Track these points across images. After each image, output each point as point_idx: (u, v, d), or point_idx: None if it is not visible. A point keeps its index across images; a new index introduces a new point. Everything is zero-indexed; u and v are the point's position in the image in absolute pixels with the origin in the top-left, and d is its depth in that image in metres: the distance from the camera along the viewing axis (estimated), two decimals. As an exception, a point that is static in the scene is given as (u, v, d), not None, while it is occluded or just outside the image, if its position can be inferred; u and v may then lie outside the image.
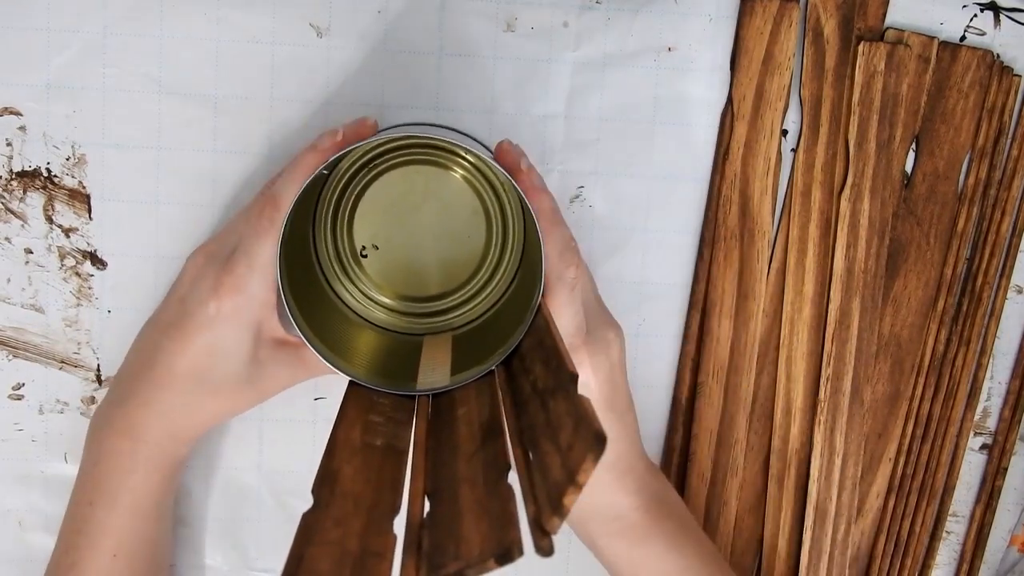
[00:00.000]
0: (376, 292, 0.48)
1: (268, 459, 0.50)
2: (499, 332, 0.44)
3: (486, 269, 0.48)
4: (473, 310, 0.49)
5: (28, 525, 0.50)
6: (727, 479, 0.51)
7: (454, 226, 0.47)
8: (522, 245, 0.47)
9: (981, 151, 0.50)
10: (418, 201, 0.47)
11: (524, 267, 0.47)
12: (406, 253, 0.48)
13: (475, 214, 0.47)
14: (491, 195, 0.47)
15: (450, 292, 0.48)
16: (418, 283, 0.48)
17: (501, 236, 0.48)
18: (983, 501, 0.53)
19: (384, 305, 0.48)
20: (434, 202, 0.47)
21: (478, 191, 0.47)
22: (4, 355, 0.49)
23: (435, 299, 0.48)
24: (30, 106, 0.47)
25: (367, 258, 0.48)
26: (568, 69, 0.48)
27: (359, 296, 0.48)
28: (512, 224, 0.47)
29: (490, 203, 0.47)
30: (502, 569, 0.28)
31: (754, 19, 0.48)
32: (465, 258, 0.48)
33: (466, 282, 0.48)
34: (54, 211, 0.48)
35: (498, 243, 0.48)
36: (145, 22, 0.47)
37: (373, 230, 0.47)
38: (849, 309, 0.50)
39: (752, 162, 0.49)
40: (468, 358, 0.44)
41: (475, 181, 0.47)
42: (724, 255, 0.50)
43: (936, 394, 0.51)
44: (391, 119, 0.48)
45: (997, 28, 0.49)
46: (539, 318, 0.40)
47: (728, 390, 0.50)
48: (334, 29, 0.47)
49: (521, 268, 0.47)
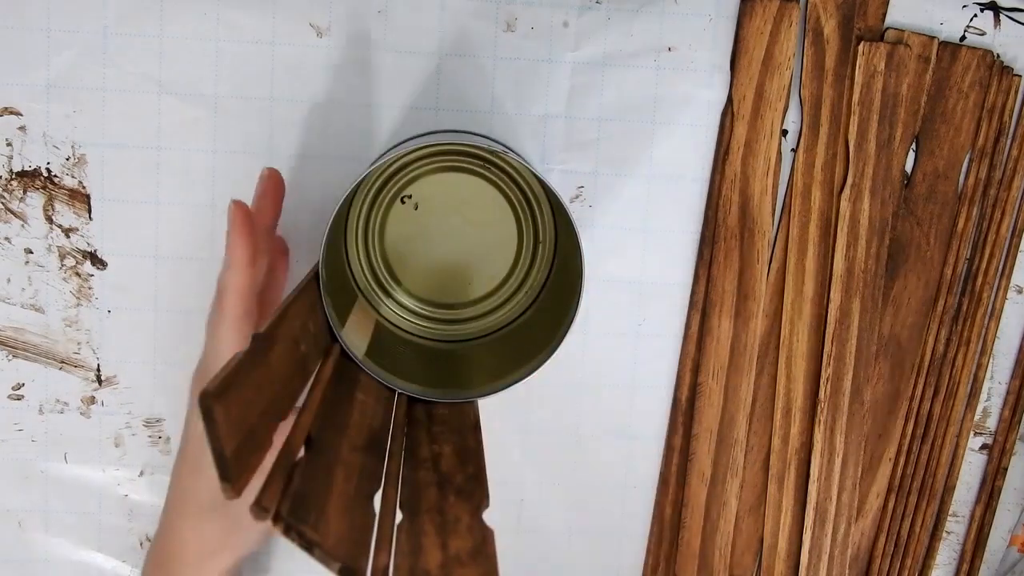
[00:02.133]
0: (409, 300, 0.49)
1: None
2: (527, 342, 0.45)
3: (516, 276, 0.48)
4: (503, 317, 0.49)
5: (28, 525, 0.50)
6: (727, 479, 0.51)
7: (485, 232, 0.48)
8: (553, 251, 0.48)
9: (981, 151, 0.50)
10: (448, 207, 0.47)
11: (554, 275, 0.48)
12: (437, 259, 0.48)
13: (505, 219, 0.48)
14: (520, 198, 0.47)
15: (480, 299, 0.49)
16: (450, 289, 0.49)
17: (532, 241, 0.48)
18: (983, 501, 0.53)
19: (417, 313, 0.49)
20: (464, 208, 0.47)
21: (508, 196, 0.47)
22: (4, 355, 0.49)
23: (464, 306, 0.49)
24: (30, 106, 0.47)
25: (409, 204, 0.48)
26: (568, 69, 0.48)
27: (394, 306, 0.49)
28: (544, 230, 0.48)
29: (519, 206, 0.48)
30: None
31: (754, 19, 0.48)
32: (496, 264, 0.48)
33: (496, 289, 0.49)
34: (54, 211, 0.48)
35: (529, 248, 0.48)
36: (145, 22, 0.47)
37: (404, 239, 0.48)
38: (849, 309, 0.50)
39: (752, 162, 0.49)
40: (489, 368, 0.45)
41: (504, 186, 0.47)
42: (724, 255, 0.50)
43: (936, 394, 0.51)
44: (392, 119, 0.48)
45: (997, 28, 0.49)
46: (471, 414, 0.42)
47: (728, 390, 0.50)
48: (334, 29, 0.47)
49: (552, 276, 0.48)
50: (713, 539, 0.51)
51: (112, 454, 0.50)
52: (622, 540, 0.52)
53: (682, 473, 0.51)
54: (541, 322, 0.46)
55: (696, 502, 0.51)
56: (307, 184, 0.48)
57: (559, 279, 0.47)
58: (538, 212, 0.47)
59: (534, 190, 0.47)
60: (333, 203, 0.40)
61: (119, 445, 0.50)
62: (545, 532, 0.52)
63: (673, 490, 0.51)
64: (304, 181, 0.48)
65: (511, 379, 0.42)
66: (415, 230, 0.47)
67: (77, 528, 0.50)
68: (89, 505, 0.50)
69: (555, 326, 0.43)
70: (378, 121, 0.48)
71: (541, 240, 0.48)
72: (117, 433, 0.49)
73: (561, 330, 0.42)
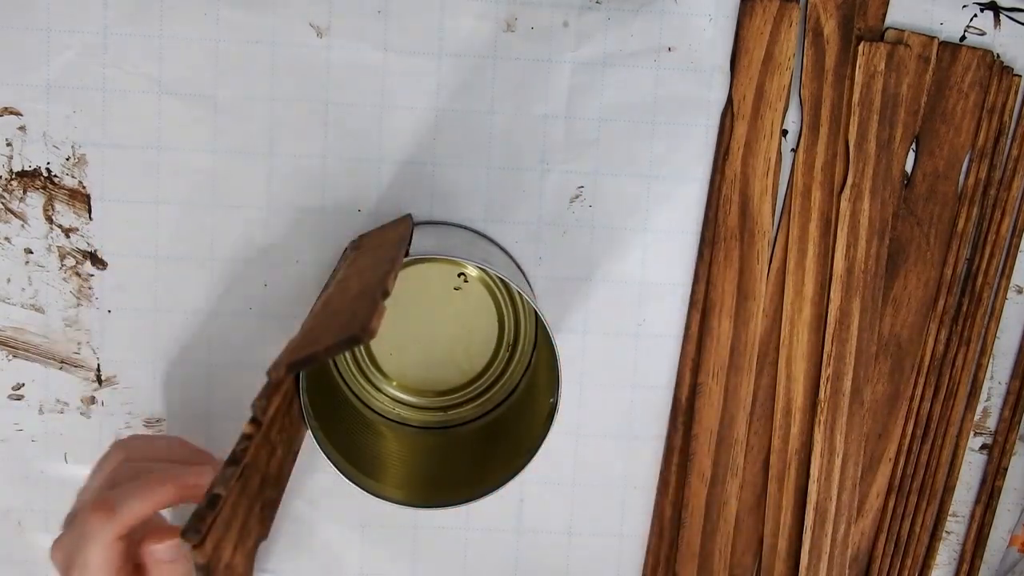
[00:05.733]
0: (395, 390, 0.50)
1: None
2: (507, 433, 0.46)
3: (497, 366, 0.50)
4: (482, 406, 0.50)
5: (28, 525, 0.50)
6: (727, 479, 0.51)
7: (467, 321, 0.49)
8: (534, 341, 0.49)
9: (981, 151, 0.50)
10: (431, 297, 0.48)
11: (534, 366, 0.49)
12: (421, 349, 0.49)
13: (488, 312, 0.49)
14: (503, 293, 0.49)
15: (461, 387, 0.50)
16: (432, 378, 0.50)
17: (513, 332, 0.49)
18: (983, 501, 0.53)
19: (403, 402, 0.50)
20: (447, 297, 0.48)
21: (490, 289, 0.49)
22: (4, 355, 0.49)
23: (446, 393, 0.50)
24: (30, 106, 0.47)
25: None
26: (568, 69, 0.48)
27: (381, 397, 0.50)
28: (523, 322, 0.49)
29: (501, 300, 0.49)
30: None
31: (754, 19, 0.48)
32: (477, 353, 0.49)
33: (476, 378, 0.50)
34: (54, 211, 0.48)
35: (510, 339, 0.49)
36: (145, 22, 0.47)
37: (390, 329, 0.48)
38: (849, 309, 0.50)
39: (752, 162, 0.49)
40: (480, 460, 0.46)
41: (487, 280, 0.48)
42: (724, 255, 0.50)
43: (936, 394, 0.51)
44: (392, 119, 0.48)
45: (997, 28, 0.49)
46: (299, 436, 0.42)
47: (728, 390, 0.50)
48: (334, 29, 0.47)
49: (530, 368, 0.49)
50: (713, 539, 0.51)
51: (112, 454, 0.50)
52: (622, 540, 0.52)
53: (682, 473, 0.51)
54: (520, 416, 0.47)
55: (696, 502, 0.51)
56: (307, 184, 0.48)
57: (536, 375, 0.48)
58: (521, 309, 0.49)
59: (511, 292, 0.48)
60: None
61: (119, 445, 0.50)
62: (545, 532, 0.52)
63: (673, 490, 0.51)
64: (304, 182, 0.48)
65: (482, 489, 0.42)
66: (395, 320, 0.48)
67: (77, 528, 0.50)
68: (89, 505, 0.50)
69: (535, 421, 0.44)
70: (378, 121, 0.48)
71: (519, 339, 0.49)
72: (117, 433, 0.49)
73: (538, 432, 0.42)
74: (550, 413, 0.42)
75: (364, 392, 0.49)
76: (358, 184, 0.48)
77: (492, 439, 0.48)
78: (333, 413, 0.46)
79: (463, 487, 0.43)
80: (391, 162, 0.48)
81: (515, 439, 0.45)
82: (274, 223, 0.48)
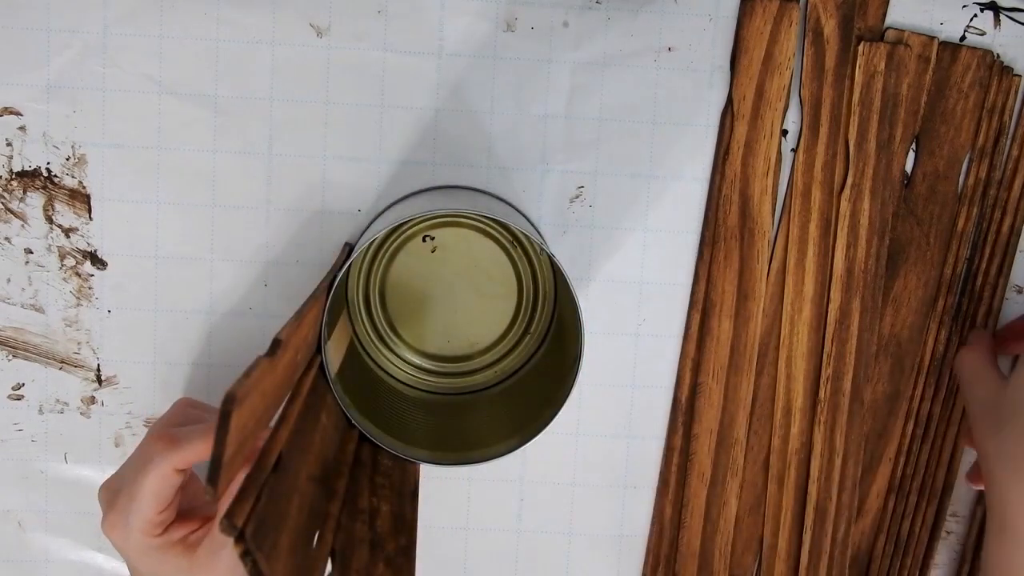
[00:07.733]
0: (412, 355, 0.50)
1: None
2: (530, 394, 0.46)
3: (517, 327, 0.49)
4: (504, 369, 0.50)
5: (28, 525, 0.50)
6: (727, 479, 0.51)
7: (484, 283, 0.48)
8: (553, 303, 0.49)
9: (981, 151, 0.50)
10: (447, 259, 0.48)
11: (555, 326, 0.49)
12: (438, 313, 0.49)
13: (504, 272, 0.49)
14: (519, 252, 0.48)
15: (481, 352, 0.50)
16: (451, 343, 0.49)
17: (532, 293, 0.49)
18: (983, 501, 0.53)
19: (421, 367, 0.50)
20: (463, 261, 0.48)
21: (506, 248, 0.48)
22: (4, 355, 0.49)
23: (465, 359, 0.50)
24: (30, 106, 0.47)
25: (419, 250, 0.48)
26: (568, 69, 0.48)
27: (399, 362, 0.50)
28: (542, 283, 0.49)
29: (518, 259, 0.48)
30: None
31: (754, 19, 0.48)
32: (496, 316, 0.49)
33: (497, 341, 0.50)
34: (54, 211, 0.48)
35: (529, 301, 0.49)
36: (145, 22, 0.47)
37: (405, 295, 0.48)
38: (849, 309, 0.50)
39: (752, 162, 0.49)
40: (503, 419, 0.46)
41: (503, 239, 0.48)
42: (724, 255, 0.50)
43: (936, 394, 0.51)
44: (392, 119, 0.48)
45: (997, 28, 0.49)
46: (412, 474, 0.43)
47: (728, 390, 0.50)
48: (334, 29, 0.47)
49: (552, 327, 0.49)
50: (713, 539, 0.51)
51: (112, 454, 0.49)
52: (622, 540, 0.52)
53: (682, 473, 0.51)
54: (542, 376, 0.47)
55: (696, 502, 0.51)
56: (307, 184, 0.48)
57: (558, 334, 0.48)
58: (537, 267, 0.49)
59: (533, 245, 0.48)
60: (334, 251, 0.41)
61: (119, 445, 0.50)
62: (545, 532, 0.52)
63: (673, 490, 0.51)
64: (304, 182, 0.48)
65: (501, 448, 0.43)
66: (415, 280, 0.48)
67: (77, 528, 0.50)
68: (89, 505, 0.50)
69: (558, 380, 0.43)
70: (378, 121, 0.48)
71: (540, 297, 0.49)
72: (117, 433, 0.49)
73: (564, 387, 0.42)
74: (575, 360, 0.42)
75: (386, 363, 0.50)
76: (358, 184, 0.48)
77: (517, 399, 0.48)
78: (370, 395, 0.46)
79: (491, 446, 0.43)
80: (391, 162, 0.48)
81: (541, 397, 0.44)
82: (274, 223, 0.48)
